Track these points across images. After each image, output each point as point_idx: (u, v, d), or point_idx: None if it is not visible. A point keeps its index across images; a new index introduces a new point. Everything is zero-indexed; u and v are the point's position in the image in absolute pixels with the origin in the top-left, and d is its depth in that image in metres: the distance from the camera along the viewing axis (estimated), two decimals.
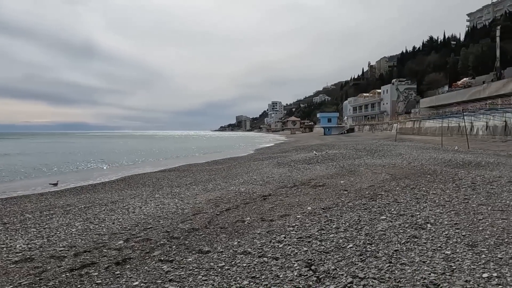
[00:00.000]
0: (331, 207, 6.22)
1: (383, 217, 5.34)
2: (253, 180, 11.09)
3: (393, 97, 74.48)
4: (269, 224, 5.27)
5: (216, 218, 5.89)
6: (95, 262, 4.02)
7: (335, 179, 9.94)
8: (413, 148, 21.62)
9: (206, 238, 4.72)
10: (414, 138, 35.82)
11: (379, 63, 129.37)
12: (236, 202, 7.21)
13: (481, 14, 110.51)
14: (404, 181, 8.99)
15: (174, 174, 15.06)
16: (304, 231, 4.81)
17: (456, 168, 11.31)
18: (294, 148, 31.09)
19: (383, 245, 4.03)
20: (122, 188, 11.46)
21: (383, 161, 14.41)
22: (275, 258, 3.81)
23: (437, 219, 5.12)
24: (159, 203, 7.86)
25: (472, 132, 27.24)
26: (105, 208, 7.73)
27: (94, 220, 6.42)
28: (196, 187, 10.54)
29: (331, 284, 3.08)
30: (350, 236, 4.46)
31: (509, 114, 23.39)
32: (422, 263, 3.44)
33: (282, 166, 15.18)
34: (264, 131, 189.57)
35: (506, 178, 8.82)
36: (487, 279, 3.04)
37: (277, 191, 8.37)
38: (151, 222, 5.91)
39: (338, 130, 77.30)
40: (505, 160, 13.26)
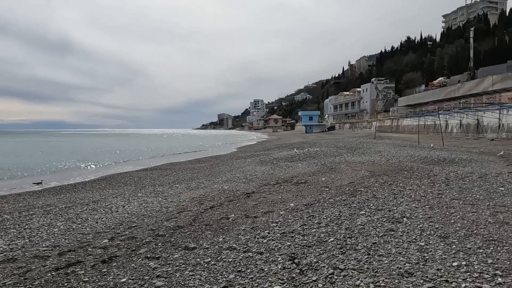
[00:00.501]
0: (313, 203, 6.41)
1: (362, 212, 5.57)
2: (236, 178, 11.19)
3: (372, 95, 76.10)
4: (253, 221, 5.40)
5: (201, 215, 5.97)
6: (80, 260, 4.03)
7: (316, 176, 10.18)
8: (391, 145, 22.25)
9: (191, 235, 4.80)
10: (392, 136, 36.79)
11: (359, 62, 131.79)
12: (220, 200, 7.30)
13: (456, 16, 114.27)
14: (382, 178, 9.32)
15: (156, 172, 14.96)
16: (287, 226, 4.96)
17: (432, 165, 11.78)
18: (276, 146, 31.32)
19: (362, 238, 4.24)
20: (104, 188, 11.31)
21: (363, 159, 14.80)
22: (260, 253, 3.94)
23: (412, 213, 5.39)
24: (142, 202, 7.84)
25: (447, 130, 28.33)
26: (87, 208, 7.65)
27: (77, 220, 6.36)
28: (179, 185, 10.54)
29: (313, 275, 3.24)
30: (331, 230, 4.65)
31: (481, 113, 24.46)
32: (398, 254, 3.66)
33: (264, 164, 15.33)
34: (246, 129, 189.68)
35: (477, 174, 9.29)
36: (457, 267, 3.28)
37: (260, 189, 8.51)
38: (135, 220, 5.92)
39: (320, 128, 78.33)
40: (477, 157, 13.91)
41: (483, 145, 19.50)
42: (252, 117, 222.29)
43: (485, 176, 8.86)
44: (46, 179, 14.34)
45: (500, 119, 22.53)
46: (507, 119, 21.95)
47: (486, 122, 24.34)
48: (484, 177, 8.73)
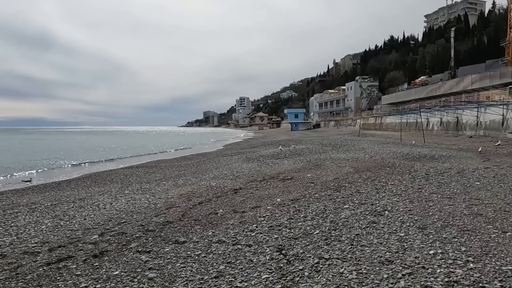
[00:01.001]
0: (299, 199, 6.60)
1: (346, 206, 5.79)
2: (223, 175, 11.30)
3: (356, 93, 77.21)
4: (241, 215, 5.54)
5: (190, 211, 6.07)
6: (71, 256, 4.08)
7: (302, 173, 10.40)
8: (375, 143, 22.75)
9: (181, 230, 4.90)
10: (376, 133, 37.56)
11: (344, 61, 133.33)
12: (208, 196, 7.41)
13: (437, 16, 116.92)
14: (366, 174, 9.61)
15: (142, 170, 14.89)
16: (274, 220, 5.13)
17: (413, 161, 12.19)
18: (262, 143, 31.50)
19: (346, 230, 4.44)
20: (89, 185, 11.22)
21: (347, 156, 15.13)
22: (248, 245, 4.09)
23: (393, 206, 5.65)
24: (130, 199, 7.87)
25: (428, 128, 29.16)
26: (73, 205, 7.63)
27: (64, 217, 6.36)
28: (166, 182, 10.58)
29: (300, 265, 3.42)
30: (317, 223, 4.84)
31: (460, 111, 25.28)
32: (379, 244, 3.87)
33: (251, 161, 15.47)
34: (232, 126, 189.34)
35: (455, 169, 9.70)
36: (433, 255, 3.51)
37: (248, 185, 8.66)
38: (124, 217, 5.98)
39: (305, 126, 79.00)
40: (456, 153, 14.44)
41: (462, 142, 20.19)
42: (237, 115, 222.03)
43: (462, 172, 9.25)
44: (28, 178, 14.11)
45: (478, 117, 23.36)
46: (484, 117, 22.77)
47: (465, 120, 25.19)
48: (461, 173, 9.12)
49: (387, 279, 3.01)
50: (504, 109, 20.43)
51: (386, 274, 3.09)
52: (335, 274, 3.16)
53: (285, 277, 3.16)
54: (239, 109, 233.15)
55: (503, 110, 20.54)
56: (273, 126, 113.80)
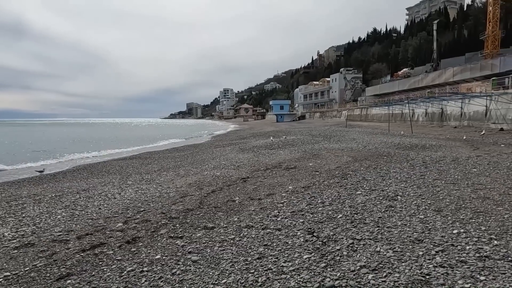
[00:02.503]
0: (310, 186, 6.78)
1: (358, 192, 6.01)
2: (223, 165, 11.36)
3: (341, 85, 78.11)
4: (259, 202, 5.67)
5: (206, 199, 6.15)
6: (103, 242, 4.12)
7: (302, 162, 10.59)
8: (363, 133, 23.23)
9: (205, 217, 4.99)
10: (362, 124, 38.28)
11: (328, 52, 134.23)
12: (218, 185, 7.50)
13: (419, 9, 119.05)
14: (365, 162, 9.89)
15: (137, 161, 14.76)
16: (294, 206, 5.29)
17: (406, 150, 12.59)
18: (251, 134, 31.58)
19: (367, 214, 4.64)
20: (87, 177, 11.07)
21: (341, 146, 15.43)
22: (278, 229, 4.23)
23: (404, 192, 5.90)
24: (137, 189, 7.86)
25: (414, 118, 29.99)
26: (80, 196, 7.56)
27: (76, 207, 6.32)
28: (167, 173, 10.57)
29: (336, 245, 3.59)
30: (337, 208, 5.02)
31: (445, 102, 26.10)
32: (404, 226, 4.09)
33: (246, 151, 15.57)
34: (216, 118, 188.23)
35: (449, 158, 10.11)
36: (457, 234, 3.75)
37: (253, 174, 8.78)
38: (140, 206, 6.00)
39: (290, 117, 79.46)
40: (445, 142, 14.97)
41: (448, 132, 20.93)
42: (221, 106, 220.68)
43: (457, 160, 9.67)
44: (15, 170, 13.83)
45: (462, 108, 24.20)
46: (468, 108, 23.62)
47: (449, 111, 26.04)
48: (456, 161, 9.53)
49: (423, 255, 3.22)
50: (487, 100, 21.26)
51: (421, 252, 3.30)
52: (372, 253, 3.35)
53: (325, 257, 3.33)
54: (223, 101, 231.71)
55: (487, 101, 21.37)
56: (258, 118, 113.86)
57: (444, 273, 2.86)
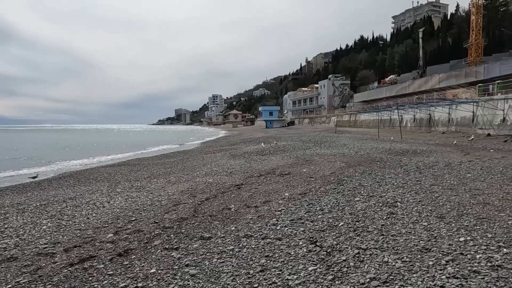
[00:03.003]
0: (307, 193, 6.63)
1: (357, 199, 5.88)
2: (215, 171, 11.14)
3: (329, 91, 78.78)
4: (256, 210, 5.48)
5: (200, 207, 5.92)
6: (93, 255, 3.86)
7: (296, 168, 10.46)
8: (353, 139, 23.31)
9: (200, 226, 4.77)
10: (351, 130, 38.52)
11: (316, 59, 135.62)
12: (212, 192, 7.27)
13: (404, 17, 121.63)
14: (359, 168, 9.82)
15: (125, 168, 14.39)
16: (292, 214, 5.11)
17: (398, 156, 12.59)
18: (241, 140, 31.40)
19: (369, 222, 4.50)
20: (73, 185, 10.68)
21: (332, 151, 15.39)
22: (279, 239, 4.04)
23: (403, 198, 5.80)
24: (127, 197, 7.56)
25: (402, 124, 30.30)
26: (66, 205, 7.23)
27: (63, 217, 6.00)
28: (157, 180, 10.29)
29: (342, 255, 3.42)
30: (337, 216, 4.87)
31: (433, 108, 26.48)
32: (409, 234, 3.96)
33: (237, 158, 15.38)
34: (205, 124, 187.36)
35: (442, 163, 10.12)
36: (465, 242, 3.64)
37: (247, 181, 8.59)
38: (131, 215, 5.73)
39: (280, 123, 79.62)
40: (435, 148, 15.08)
41: (436, 138, 21.17)
42: (210, 112, 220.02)
43: (450, 165, 9.68)
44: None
45: (449, 114, 24.57)
46: (455, 114, 23.99)
47: (437, 116, 26.40)
48: (449, 166, 9.54)
49: (434, 266, 3.09)
50: (474, 106, 21.63)
51: (431, 262, 3.16)
52: (381, 263, 3.20)
53: (332, 268, 3.16)
54: (212, 107, 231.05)
55: (473, 107, 21.74)
56: (247, 124, 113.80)
57: (459, 284, 2.72)
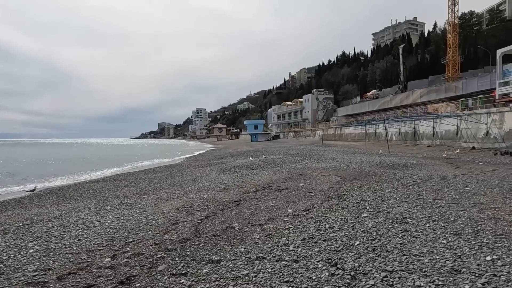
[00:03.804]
0: (310, 209, 6.39)
1: (364, 215, 5.69)
2: (207, 186, 10.79)
3: (313, 106, 79.81)
4: (262, 229, 5.19)
5: (201, 226, 5.58)
6: (91, 284, 3.47)
7: (292, 183, 10.23)
8: (341, 152, 23.38)
9: (206, 247, 4.44)
10: (337, 144, 38.81)
11: (299, 74, 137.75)
12: (210, 209, 6.93)
13: (383, 34, 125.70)
14: (356, 182, 9.69)
15: (111, 184, 13.80)
16: (302, 233, 4.85)
17: (391, 169, 12.58)
18: (228, 154, 31.05)
19: (385, 240, 4.30)
20: (57, 202, 10.08)
21: (323, 165, 15.29)
22: (295, 261, 3.77)
23: (411, 214, 5.64)
24: (119, 215, 7.12)
25: (387, 138, 30.78)
26: (52, 225, 6.72)
27: (50, 238, 5.53)
28: (148, 196, 9.84)
29: (369, 279, 3.18)
30: (349, 234, 4.65)
31: (417, 122, 27.05)
32: (431, 253, 3.77)
33: (227, 172, 15.06)
34: (189, 138, 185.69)
35: (437, 176, 10.12)
36: (492, 261, 3.47)
37: (245, 196, 8.29)
38: (127, 235, 5.32)
39: (265, 137, 79.72)
40: (425, 161, 15.21)
41: (423, 151, 21.48)
42: (194, 126, 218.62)
43: (445, 178, 9.68)
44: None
45: (434, 128, 25.12)
46: (440, 128, 24.55)
47: (422, 130, 26.95)
48: (445, 179, 9.54)
49: None
50: (458, 120, 22.18)
51: (467, 286, 2.96)
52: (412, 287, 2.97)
53: None
54: (196, 120, 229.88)
55: (457, 121, 22.29)
56: (231, 138, 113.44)
57: None
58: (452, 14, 54.15)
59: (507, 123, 18.04)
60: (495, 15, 73.87)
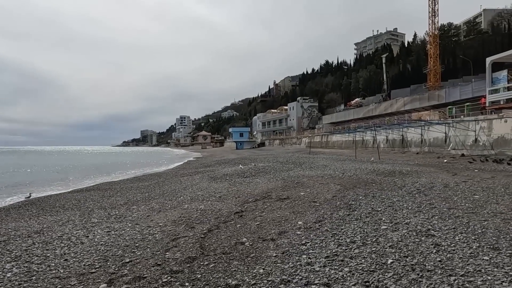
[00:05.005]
0: (321, 220, 5.91)
1: (384, 227, 5.25)
2: (201, 196, 10.18)
3: (298, 113, 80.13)
4: (276, 244, 4.66)
5: (206, 242, 4.99)
6: None
7: (291, 191, 9.76)
8: (331, 160, 23.14)
9: (218, 269, 3.87)
10: (324, 151, 38.74)
11: (284, 82, 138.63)
12: (211, 222, 6.34)
13: (365, 44, 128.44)
14: (358, 190, 9.30)
15: (96, 194, 12.96)
16: (322, 248, 4.35)
17: (388, 177, 12.29)
18: (215, 162, 30.38)
19: (421, 257, 3.85)
20: (37, 214, 9.23)
21: (317, 172, 14.92)
22: (326, 285, 3.26)
23: (432, 225, 5.24)
24: (108, 229, 6.43)
25: (375, 145, 30.86)
26: (33, 241, 5.98)
27: (32, 258, 4.82)
28: (138, 207, 9.15)
29: None
30: (377, 250, 4.18)
31: (405, 129, 27.22)
32: (480, 272, 3.34)
33: (218, 180, 14.48)
34: (172, 145, 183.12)
35: (439, 184, 9.86)
36: None
37: (245, 207, 7.73)
38: (122, 254, 4.68)
39: (250, 145, 79.27)
40: (419, 168, 15.04)
41: (413, 158, 21.48)
42: (178, 134, 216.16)
43: (448, 186, 9.42)
44: None
45: (422, 135, 25.29)
46: (428, 135, 24.73)
47: (410, 137, 27.11)
48: (448, 187, 9.27)
49: None
50: (446, 127, 22.36)
51: None
52: None
53: None
54: (179, 128, 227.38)
55: (445, 128, 22.48)
56: (216, 145, 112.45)
57: None
58: (433, 25, 55.69)
59: (496, 130, 18.24)
60: (472, 27, 76.62)
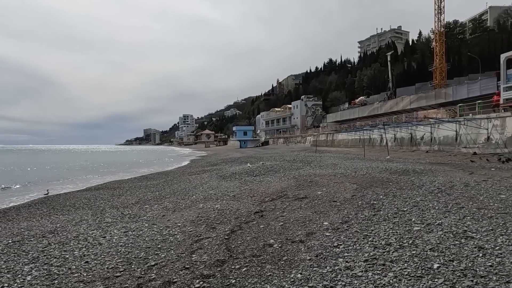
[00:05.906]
0: (348, 221, 5.67)
1: (416, 228, 5.01)
2: (214, 195, 9.97)
3: (302, 112, 79.78)
4: (307, 247, 4.43)
5: (231, 243, 4.77)
6: None
7: (307, 190, 9.52)
8: (339, 158, 22.85)
9: (250, 272, 3.64)
10: (330, 150, 38.41)
11: (287, 80, 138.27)
12: (232, 222, 6.12)
13: (369, 43, 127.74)
14: (376, 190, 9.03)
15: (105, 193, 12.80)
16: (357, 251, 4.12)
17: (403, 175, 12.00)
18: (221, 160, 30.21)
19: (468, 261, 3.61)
20: (49, 214, 9.06)
21: (327, 171, 14.66)
22: None
23: (468, 227, 4.99)
24: (125, 230, 6.23)
25: (383, 143, 30.60)
26: (48, 242, 5.79)
27: (50, 260, 4.62)
28: (150, 206, 8.96)
29: None
30: (417, 253, 3.94)
31: (414, 127, 26.90)
32: None
33: (227, 179, 14.26)
34: (175, 144, 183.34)
35: (458, 183, 9.55)
36: None
37: (264, 206, 7.51)
38: (145, 256, 4.46)
39: (254, 143, 79.05)
40: (433, 167, 14.75)
41: (424, 156, 21.16)
42: (181, 133, 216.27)
43: (469, 185, 9.13)
44: None
45: (431, 133, 24.95)
46: (438, 133, 24.39)
47: (419, 136, 26.78)
48: (469, 186, 8.98)
49: None
50: (457, 125, 22.03)
51: None
52: None
53: None
54: (182, 127, 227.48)
55: (456, 126, 22.15)
56: (219, 144, 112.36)
57: None
58: (438, 22, 55.18)
59: (509, 128, 17.90)
60: (478, 25, 75.98)
